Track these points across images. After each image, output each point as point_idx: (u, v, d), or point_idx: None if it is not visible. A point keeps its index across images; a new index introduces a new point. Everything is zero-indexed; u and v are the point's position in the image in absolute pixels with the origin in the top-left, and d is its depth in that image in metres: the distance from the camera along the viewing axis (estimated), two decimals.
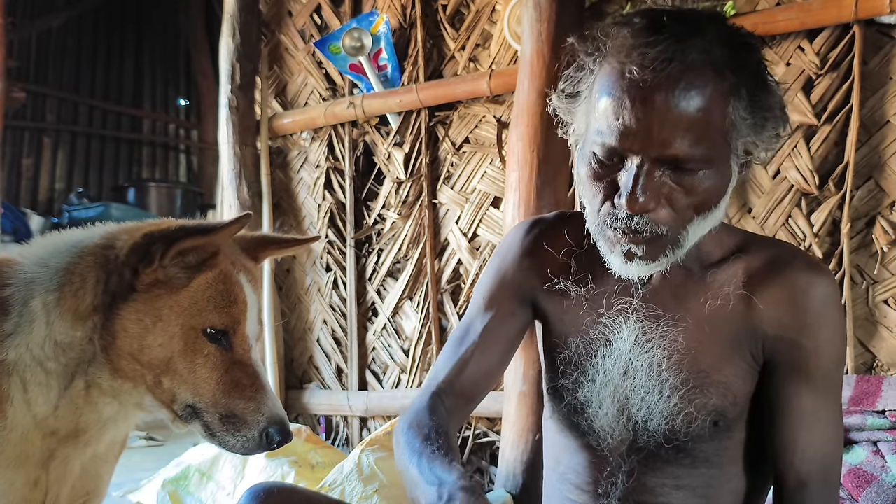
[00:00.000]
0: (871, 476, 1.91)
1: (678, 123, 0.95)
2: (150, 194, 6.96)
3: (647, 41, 0.94)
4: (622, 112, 0.96)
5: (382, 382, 3.21)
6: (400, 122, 3.11)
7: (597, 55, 1.01)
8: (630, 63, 0.95)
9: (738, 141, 1.00)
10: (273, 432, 1.09)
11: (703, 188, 0.99)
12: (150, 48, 8.56)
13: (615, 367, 1.11)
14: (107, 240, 1.11)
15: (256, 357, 1.15)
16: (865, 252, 2.20)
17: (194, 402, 1.09)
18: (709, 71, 0.95)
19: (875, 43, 2.21)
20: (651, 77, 0.93)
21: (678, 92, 0.94)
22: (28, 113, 7.12)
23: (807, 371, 1.07)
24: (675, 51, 0.93)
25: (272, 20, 3.56)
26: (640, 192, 0.96)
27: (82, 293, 1.07)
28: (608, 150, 0.99)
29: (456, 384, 1.17)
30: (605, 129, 0.98)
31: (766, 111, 1.00)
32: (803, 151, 2.28)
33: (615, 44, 0.98)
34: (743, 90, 0.97)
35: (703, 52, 0.94)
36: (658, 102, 0.94)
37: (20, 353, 1.06)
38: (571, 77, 1.07)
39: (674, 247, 1.02)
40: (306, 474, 2.49)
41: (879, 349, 2.18)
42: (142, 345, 1.06)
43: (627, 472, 1.13)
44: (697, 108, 0.95)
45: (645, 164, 0.97)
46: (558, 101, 1.10)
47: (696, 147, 0.96)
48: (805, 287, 1.07)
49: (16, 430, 1.07)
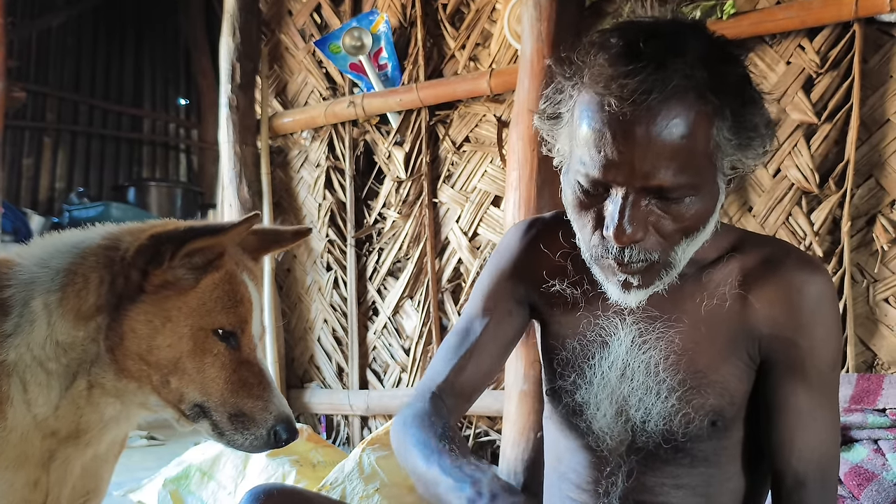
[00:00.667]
0: (871, 474, 1.91)
1: (661, 154, 0.92)
2: (151, 194, 6.96)
3: (624, 71, 0.91)
4: (603, 145, 0.94)
5: (383, 381, 3.21)
6: (400, 121, 3.11)
7: (575, 79, 0.99)
8: (608, 95, 0.92)
9: (723, 161, 0.98)
10: (281, 430, 1.10)
11: (691, 214, 0.97)
12: (151, 48, 8.56)
13: (612, 368, 1.11)
14: (109, 240, 1.11)
15: (262, 356, 1.16)
16: (866, 250, 2.21)
17: (203, 401, 1.10)
18: (691, 95, 0.92)
19: (875, 41, 2.20)
20: (631, 110, 0.90)
21: (659, 122, 0.91)
22: (28, 113, 7.12)
23: (803, 369, 1.07)
24: (655, 80, 0.90)
25: (272, 19, 3.56)
26: (626, 224, 0.95)
27: (85, 293, 1.07)
28: (592, 182, 0.97)
29: (455, 384, 1.18)
30: (588, 161, 0.96)
31: (752, 130, 0.97)
32: (803, 150, 2.28)
33: (592, 72, 0.95)
34: (727, 111, 0.95)
35: (685, 76, 0.91)
36: (639, 135, 0.92)
37: (20, 353, 1.06)
38: (551, 98, 1.04)
39: (667, 269, 1.02)
40: (307, 473, 2.49)
41: (880, 348, 2.18)
42: (150, 345, 1.07)
43: (627, 471, 1.13)
44: (680, 136, 0.92)
45: (630, 195, 0.95)
46: (540, 121, 1.07)
47: (680, 175, 0.94)
48: (800, 285, 1.07)
49: (15, 431, 1.07)
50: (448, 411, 1.14)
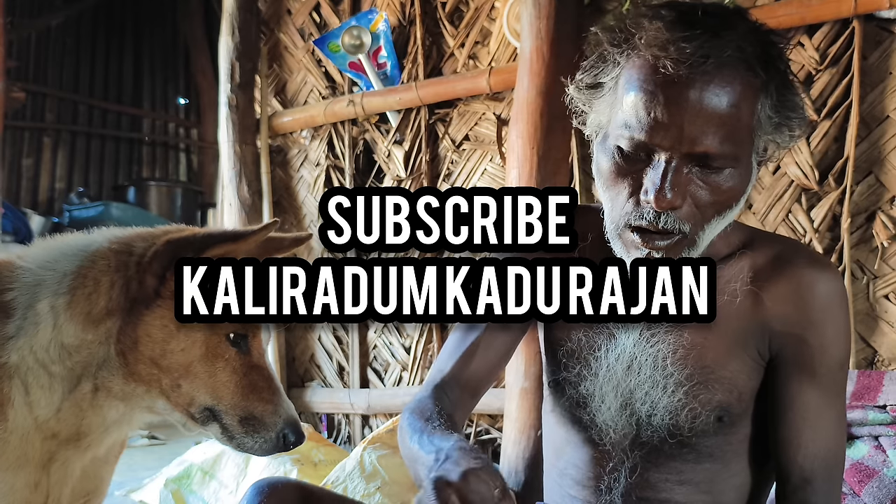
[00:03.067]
0: (872, 471, 1.92)
1: (710, 120, 0.94)
2: (151, 193, 6.94)
3: (682, 35, 0.93)
4: (654, 107, 0.95)
5: (384, 380, 3.21)
6: (400, 119, 3.11)
7: (625, 47, 0.99)
8: (665, 57, 0.93)
9: (760, 139, 1.00)
10: (289, 433, 1.12)
11: (728, 186, 0.98)
12: (150, 47, 8.55)
13: (619, 361, 1.11)
14: (120, 244, 1.12)
15: (269, 360, 1.17)
16: (866, 247, 2.20)
17: (213, 405, 1.11)
18: (742, 67, 0.94)
19: (874, 38, 2.20)
20: (686, 72, 0.92)
21: (713, 88, 0.93)
22: (28, 113, 7.11)
23: (812, 367, 1.07)
24: (712, 46, 0.92)
25: (271, 18, 3.56)
26: (668, 189, 0.95)
27: (95, 297, 1.07)
28: (636, 145, 0.98)
29: (461, 377, 1.17)
30: (634, 123, 0.96)
31: (790, 111, 1.00)
32: (803, 147, 2.28)
33: (648, 36, 0.96)
34: (772, 87, 0.97)
35: (738, 48, 0.94)
36: (692, 98, 0.93)
37: (23, 355, 1.06)
38: (592, 67, 1.05)
39: (690, 248, 1.01)
40: (309, 472, 2.50)
41: (880, 344, 2.18)
42: (164, 350, 1.07)
43: (630, 467, 1.12)
44: (730, 105, 0.94)
45: (674, 161, 0.96)
46: (577, 91, 1.08)
47: (725, 144, 0.95)
48: (810, 283, 1.07)
49: (16, 433, 1.07)
50: (451, 403, 1.13)
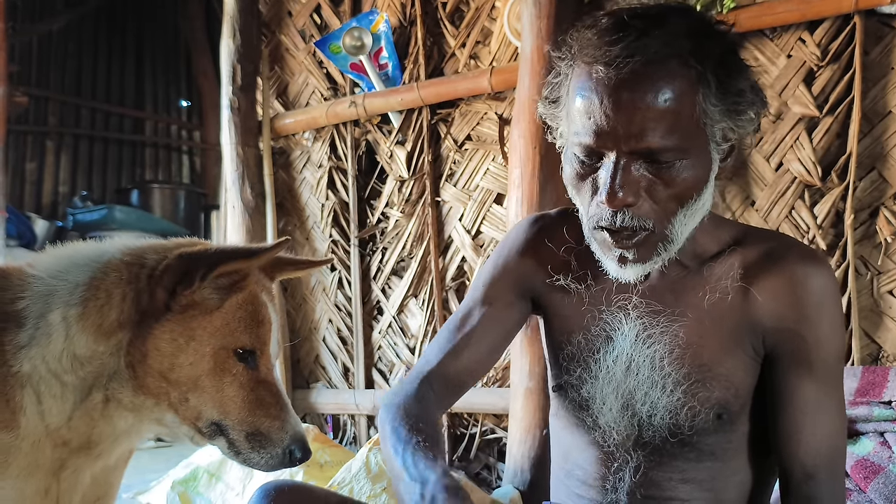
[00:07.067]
0: (878, 467, 1.92)
1: (647, 116, 0.97)
2: (154, 196, 6.94)
3: (611, 39, 0.97)
4: (593, 111, 0.99)
5: (389, 380, 3.22)
6: (402, 120, 3.11)
7: (569, 59, 1.05)
8: (596, 63, 0.98)
9: (713, 128, 1.02)
10: (296, 449, 1.13)
11: (682, 178, 1.01)
12: (151, 50, 8.56)
13: (617, 363, 1.12)
14: (133, 257, 1.12)
15: (278, 376, 1.17)
16: (869, 243, 2.20)
17: (220, 419, 1.11)
18: (672, 62, 0.97)
19: (876, 33, 2.20)
20: (615, 74, 0.97)
21: (643, 85, 0.97)
22: (30, 117, 7.11)
23: (809, 362, 1.08)
24: (637, 46, 0.96)
25: (272, 20, 3.56)
26: (617, 187, 0.99)
27: (107, 309, 1.07)
28: (586, 149, 1.02)
29: (448, 371, 1.18)
30: (581, 129, 1.01)
31: (737, 96, 1.02)
32: (806, 143, 2.28)
33: (581, 45, 1.02)
34: (710, 77, 0.99)
35: (665, 44, 0.97)
36: (625, 98, 0.97)
37: (35, 364, 1.06)
38: (552, 83, 1.10)
39: (664, 243, 1.04)
40: (315, 473, 2.50)
41: (885, 340, 2.18)
42: (173, 364, 1.08)
43: (634, 466, 1.13)
44: (665, 100, 0.97)
45: (621, 160, 0.99)
46: (543, 107, 1.13)
47: (668, 138, 0.98)
48: (802, 278, 1.08)
49: (27, 440, 1.07)
50: (435, 398, 1.15)
